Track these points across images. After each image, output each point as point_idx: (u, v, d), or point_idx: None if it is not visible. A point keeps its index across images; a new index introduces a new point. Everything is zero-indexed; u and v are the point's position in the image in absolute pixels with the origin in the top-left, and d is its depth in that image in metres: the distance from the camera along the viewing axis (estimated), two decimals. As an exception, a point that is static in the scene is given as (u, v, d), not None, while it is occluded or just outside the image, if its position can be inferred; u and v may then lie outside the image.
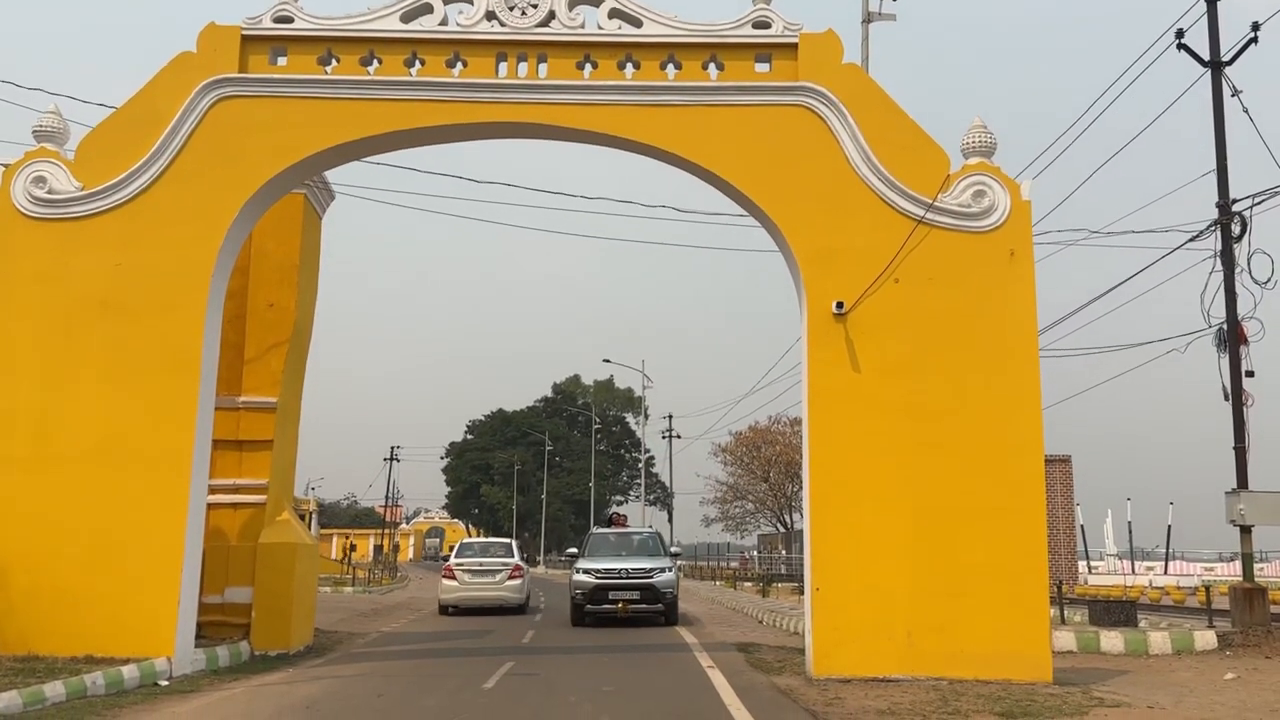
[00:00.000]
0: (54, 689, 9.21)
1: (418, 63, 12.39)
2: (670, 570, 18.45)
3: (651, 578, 18.01)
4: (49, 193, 12.00)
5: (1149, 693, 10.28)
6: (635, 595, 17.85)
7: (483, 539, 30.67)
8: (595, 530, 21.99)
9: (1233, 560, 35.21)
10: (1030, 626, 11.08)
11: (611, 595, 17.86)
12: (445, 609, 21.80)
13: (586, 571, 18.28)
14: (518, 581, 21.61)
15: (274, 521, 14.20)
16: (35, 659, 10.71)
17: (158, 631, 11.15)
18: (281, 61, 12.45)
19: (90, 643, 10.98)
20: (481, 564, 21.85)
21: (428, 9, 12.37)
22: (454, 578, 21.65)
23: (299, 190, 14.39)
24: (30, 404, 11.58)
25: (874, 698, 9.89)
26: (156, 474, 11.44)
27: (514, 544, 24.12)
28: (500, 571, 21.59)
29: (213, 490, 12.92)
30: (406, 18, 12.35)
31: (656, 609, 18.03)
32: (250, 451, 14.12)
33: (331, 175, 15.19)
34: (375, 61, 12.39)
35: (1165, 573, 40.43)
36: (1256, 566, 16.36)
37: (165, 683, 10.66)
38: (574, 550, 20.62)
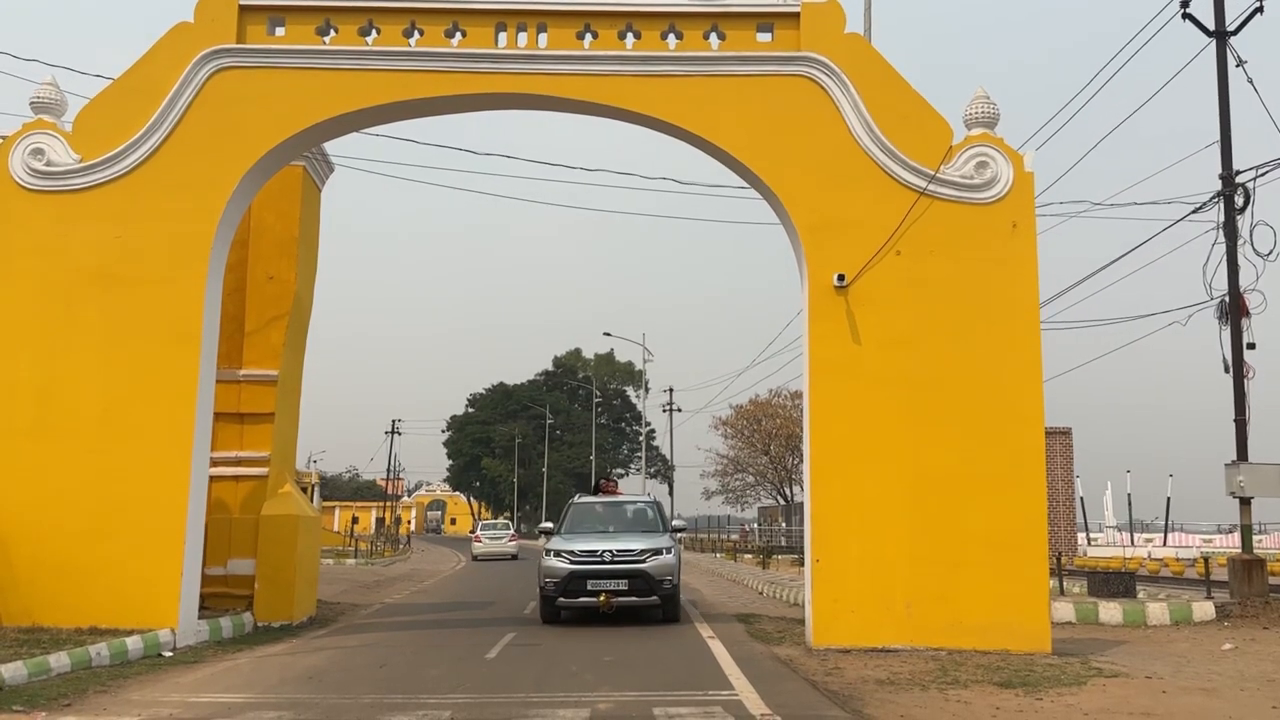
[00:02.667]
0: (58, 660, 9.27)
1: (416, 33, 12.29)
2: (670, 551, 14.05)
3: (644, 561, 13.69)
4: (47, 165, 11.95)
5: (1147, 663, 10.34)
6: (622, 584, 13.59)
7: (493, 520, 50.84)
8: (577, 499, 16.65)
9: (1232, 532, 35.33)
10: (1029, 597, 11.13)
11: (590, 585, 13.58)
12: (476, 557, 38.98)
13: (559, 554, 13.93)
14: (514, 544, 40.65)
15: (276, 494, 14.25)
16: (39, 630, 10.80)
17: (161, 603, 11.22)
18: (280, 32, 12.36)
19: (94, 614, 11.06)
20: (494, 534, 41.42)
21: (427, -22, 12.25)
22: (480, 541, 40.43)
23: (298, 162, 14.31)
24: (31, 376, 11.60)
25: (873, 668, 9.95)
26: (158, 446, 11.48)
27: (510, 522, 50.89)
28: (504, 537, 40.71)
29: (214, 463, 12.93)
30: (405, -13, 12.23)
31: (650, 603, 13.75)
32: (251, 424, 14.14)
33: (330, 147, 15.09)
34: (374, 31, 12.30)
35: (1164, 544, 40.59)
36: (1255, 538, 16.43)
37: (169, 653, 10.73)
38: (549, 525, 15.77)
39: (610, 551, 13.83)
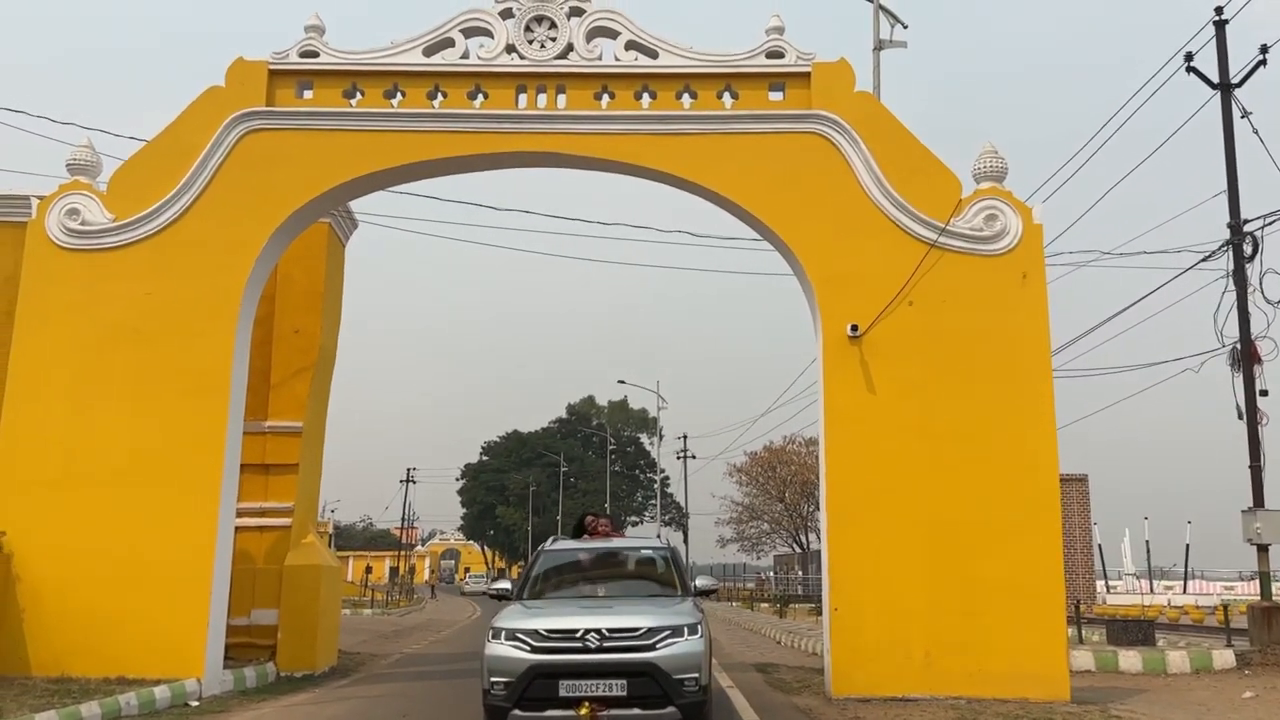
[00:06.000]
0: (90, 709, 9.43)
1: (440, 95, 12.69)
2: (697, 631, 8.33)
3: (654, 648, 8.12)
4: (82, 224, 12.32)
5: (1167, 711, 10.36)
6: (617, 687, 8.02)
7: (479, 574, 70.84)
8: (551, 545, 10.70)
9: (1253, 579, 35.05)
10: (1048, 645, 11.17)
11: (565, 689, 8.03)
12: (463, 592, 62.76)
13: (515, 636, 8.29)
14: (484, 584, 48.90)
15: (299, 544, 14.43)
16: (68, 680, 10.95)
17: (187, 653, 11.36)
18: (308, 95, 12.77)
19: (121, 664, 11.21)
20: (476, 579, 65.67)
21: (449, 43, 12.69)
22: (469, 582, 68.10)
23: (324, 219, 14.68)
24: (63, 428, 11.86)
25: (893, 717, 10.00)
26: (187, 497, 11.69)
27: (484, 574, 69.75)
28: (482, 581, 55.29)
29: (240, 513, 13.13)
30: (429, 51, 12.67)
31: (665, 715, 8.05)
32: (276, 475, 14.37)
33: (354, 202, 15.47)
34: (399, 94, 12.71)
35: (1184, 592, 40.25)
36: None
37: (195, 703, 10.87)
38: (505, 586, 9.86)
39: (598, 631, 8.17)
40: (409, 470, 73.75)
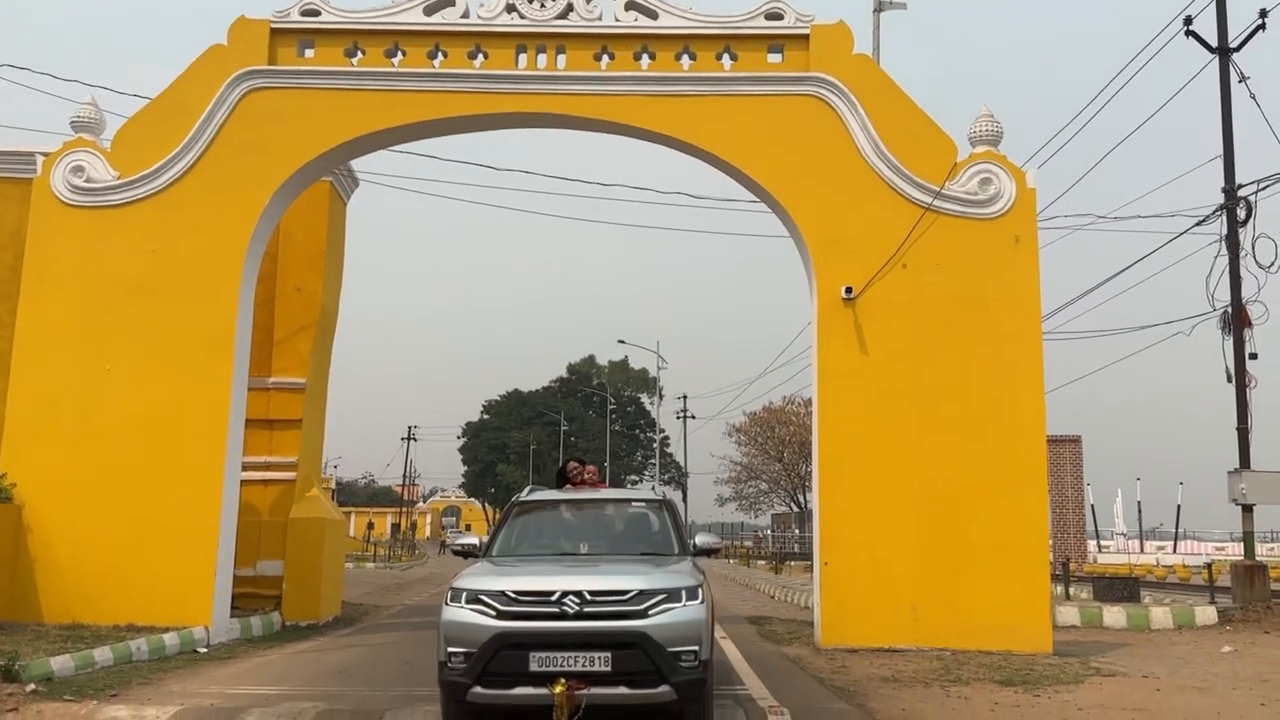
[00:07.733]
0: (102, 654, 9.74)
1: (440, 55, 12.76)
2: (696, 595, 6.89)
3: (644, 615, 6.60)
4: (87, 181, 12.46)
5: (1146, 664, 10.68)
6: (600, 660, 6.45)
7: (458, 529, 68.35)
8: (528, 494, 9.01)
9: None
10: (1031, 600, 11.49)
11: (536, 661, 6.45)
12: (442, 545, 57.84)
13: (478, 599, 6.69)
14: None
15: (303, 497, 14.72)
16: (80, 627, 11.28)
17: (195, 602, 11.68)
18: (309, 54, 12.85)
19: (131, 612, 11.52)
20: (455, 533, 56.28)
21: (449, 2, 12.75)
22: (448, 538, 54.44)
23: (325, 178, 14.78)
24: (73, 384, 12.09)
25: (879, 666, 10.32)
26: (193, 451, 11.95)
27: (465, 530, 64.40)
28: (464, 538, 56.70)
29: (245, 467, 13.34)
30: (429, 11, 12.74)
31: (655, 698, 6.52)
32: (280, 430, 14.62)
33: (355, 162, 15.56)
34: (399, 53, 12.78)
35: (1174, 551, 40.77)
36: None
37: (204, 650, 11.20)
38: (471, 541, 8.32)
39: (578, 594, 6.67)
40: (410, 428, 74.42)
